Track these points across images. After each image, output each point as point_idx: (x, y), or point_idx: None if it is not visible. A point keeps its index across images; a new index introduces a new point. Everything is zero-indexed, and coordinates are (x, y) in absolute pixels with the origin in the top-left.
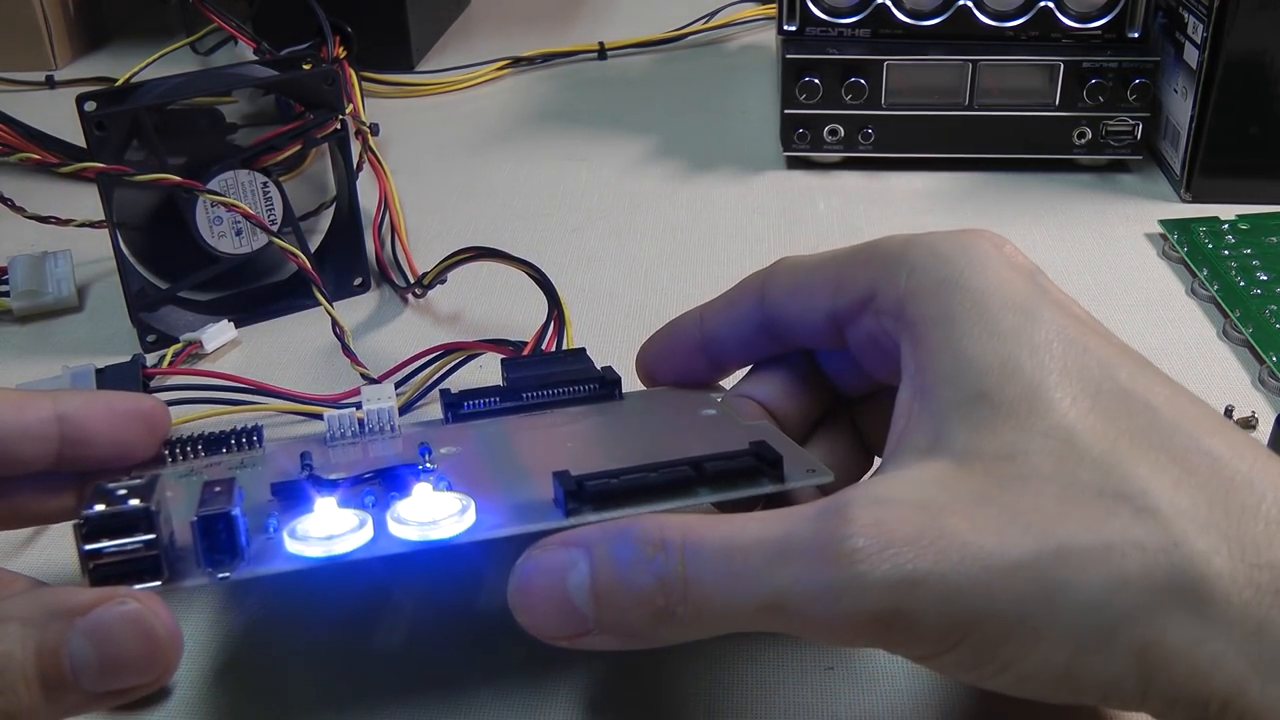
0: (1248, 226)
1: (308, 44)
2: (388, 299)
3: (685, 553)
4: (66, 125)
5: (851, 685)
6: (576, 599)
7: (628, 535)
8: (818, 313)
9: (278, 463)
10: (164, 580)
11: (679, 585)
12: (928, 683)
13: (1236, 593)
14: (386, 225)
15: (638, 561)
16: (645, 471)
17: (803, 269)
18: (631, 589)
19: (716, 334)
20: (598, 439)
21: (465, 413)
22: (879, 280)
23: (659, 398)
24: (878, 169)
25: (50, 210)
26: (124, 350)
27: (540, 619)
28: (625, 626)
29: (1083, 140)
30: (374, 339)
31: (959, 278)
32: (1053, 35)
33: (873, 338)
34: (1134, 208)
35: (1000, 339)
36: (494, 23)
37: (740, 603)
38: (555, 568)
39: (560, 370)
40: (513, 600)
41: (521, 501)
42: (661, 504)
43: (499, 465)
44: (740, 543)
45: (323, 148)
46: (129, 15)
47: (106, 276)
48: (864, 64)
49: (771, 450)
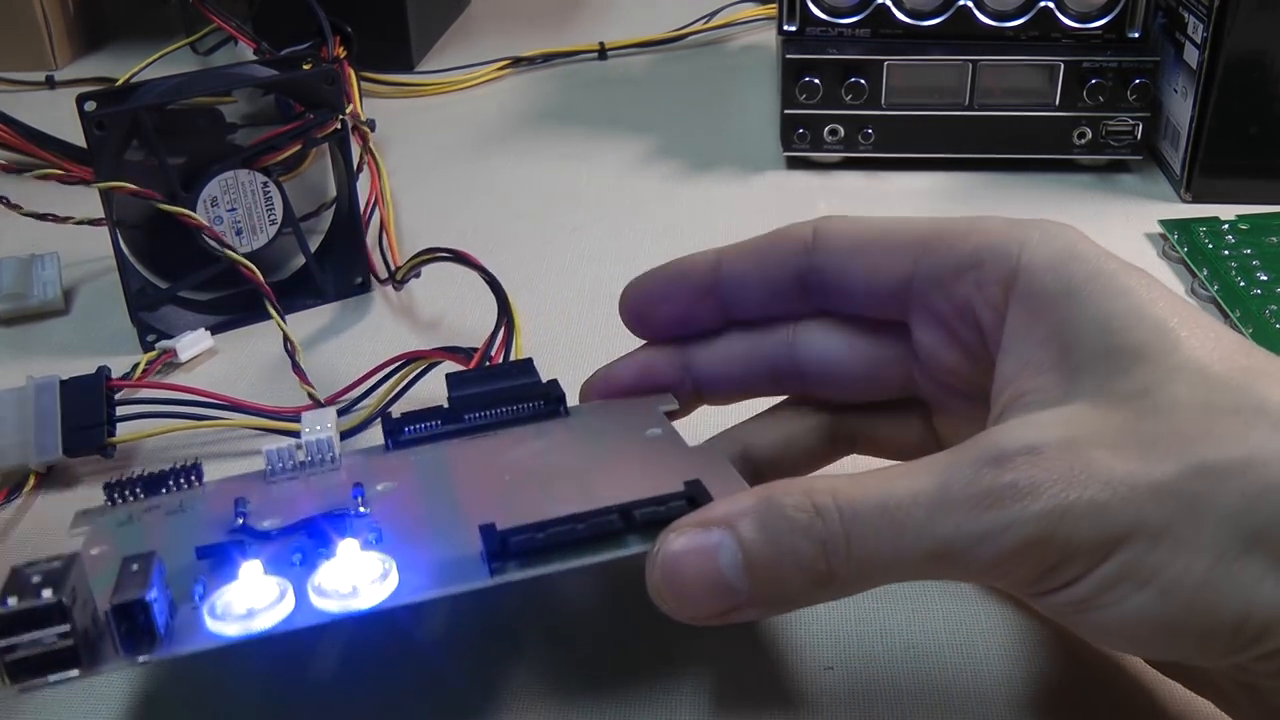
0: (1248, 226)
1: (308, 44)
2: (372, 294)
3: (842, 513)
4: (66, 125)
5: (851, 685)
6: (730, 575)
7: (775, 504)
8: (889, 275)
9: (213, 507)
10: (81, 669)
11: (842, 547)
12: (928, 683)
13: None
14: (376, 221)
15: (794, 527)
16: (573, 523)
17: (871, 229)
18: (793, 557)
19: (739, 276)
20: (536, 470)
21: (406, 438)
22: (987, 251)
23: (604, 413)
24: (878, 169)
25: (49, 208)
26: (108, 355)
27: (692, 603)
28: (781, 595)
29: (1083, 140)
30: (356, 334)
31: (1074, 248)
32: (1053, 35)
33: (967, 306)
34: (1134, 208)
35: (1123, 295)
36: (494, 23)
37: (905, 557)
38: (701, 548)
39: (504, 386)
40: (661, 589)
41: (448, 558)
42: (590, 557)
43: (432, 505)
44: (896, 498)
45: (323, 148)
46: (129, 15)
47: (95, 280)
48: (864, 64)
49: (704, 492)
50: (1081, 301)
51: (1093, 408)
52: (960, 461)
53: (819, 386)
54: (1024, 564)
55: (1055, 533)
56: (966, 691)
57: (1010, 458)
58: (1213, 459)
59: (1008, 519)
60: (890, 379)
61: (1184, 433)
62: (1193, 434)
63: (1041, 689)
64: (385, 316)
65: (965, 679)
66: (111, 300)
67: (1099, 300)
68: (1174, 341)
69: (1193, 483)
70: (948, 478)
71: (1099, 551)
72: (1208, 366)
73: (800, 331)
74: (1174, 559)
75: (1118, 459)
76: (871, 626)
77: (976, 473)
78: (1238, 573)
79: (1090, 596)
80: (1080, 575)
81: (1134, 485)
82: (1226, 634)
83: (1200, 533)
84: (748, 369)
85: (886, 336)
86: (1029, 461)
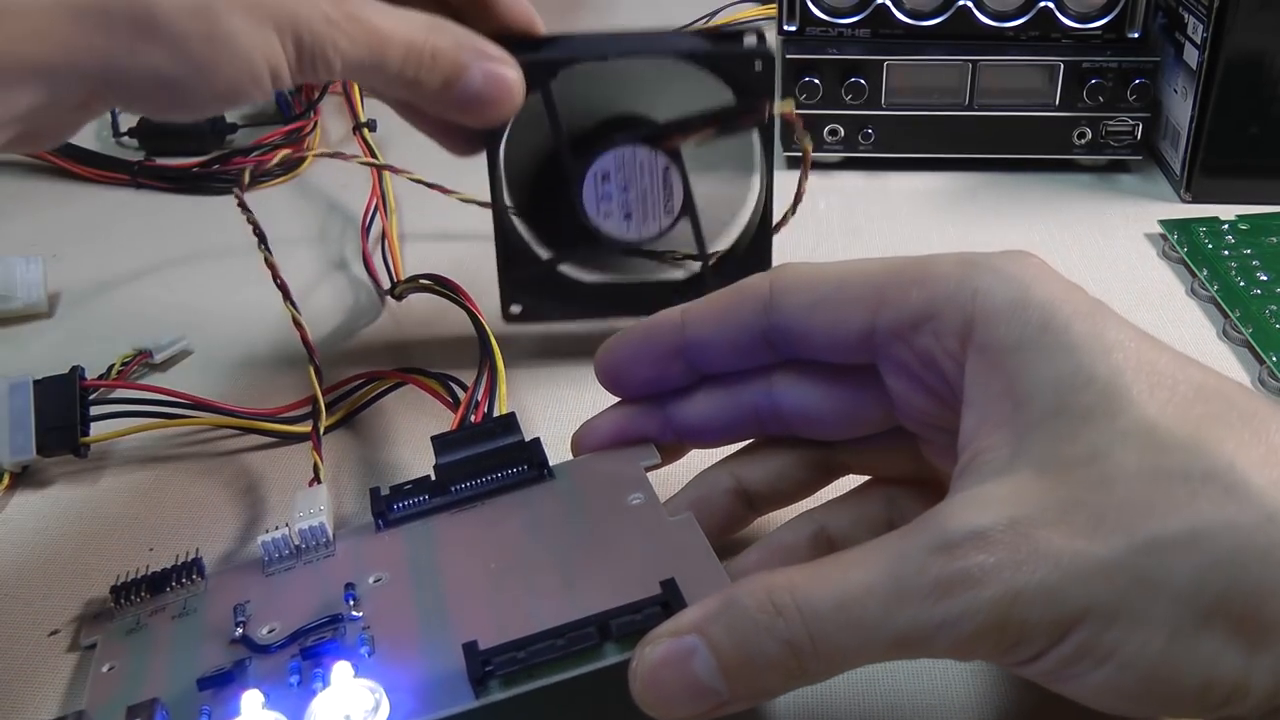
0: (1248, 226)
1: None
2: (368, 298)
3: (802, 613)
4: None
5: (852, 685)
6: (706, 680)
7: (739, 607)
8: (849, 327)
9: (215, 609)
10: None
11: (807, 645)
12: (928, 683)
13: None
14: (377, 224)
15: (759, 630)
16: (553, 638)
17: (826, 281)
18: (761, 659)
19: (704, 338)
20: (520, 559)
21: (395, 516)
22: (939, 301)
23: (586, 474)
24: (878, 169)
25: (49, 207)
26: (90, 359)
27: (677, 707)
28: (760, 690)
29: (1083, 140)
30: (345, 338)
31: (1026, 295)
32: (1053, 35)
33: (929, 357)
34: (1134, 208)
35: (1072, 350)
36: None
37: (869, 648)
38: (676, 658)
39: (487, 450)
40: (645, 699)
41: (434, 677)
42: (571, 671)
43: (421, 605)
44: (852, 593)
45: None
46: None
47: (79, 283)
48: (864, 64)
49: (677, 595)
50: (1032, 358)
51: (1039, 477)
52: (910, 550)
53: (803, 430)
54: (984, 645)
55: (1009, 617)
56: (966, 691)
57: (958, 544)
58: (1160, 534)
59: (960, 608)
60: (871, 417)
61: (1131, 505)
62: (1140, 506)
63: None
64: (378, 321)
65: (965, 679)
66: (95, 304)
67: (1048, 358)
68: (1123, 403)
69: (1141, 559)
70: (899, 568)
71: (1054, 632)
72: (1156, 428)
73: (775, 382)
74: (1130, 636)
75: (1064, 537)
76: None
77: (925, 561)
78: (1195, 647)
79: (1055, 670)
80: (1040, 653)
81: (1083, 565)
82: (1191, 700)
83: (1153, 609)
84: (729, 419)
85: (861, 379)
86: (976, 547)
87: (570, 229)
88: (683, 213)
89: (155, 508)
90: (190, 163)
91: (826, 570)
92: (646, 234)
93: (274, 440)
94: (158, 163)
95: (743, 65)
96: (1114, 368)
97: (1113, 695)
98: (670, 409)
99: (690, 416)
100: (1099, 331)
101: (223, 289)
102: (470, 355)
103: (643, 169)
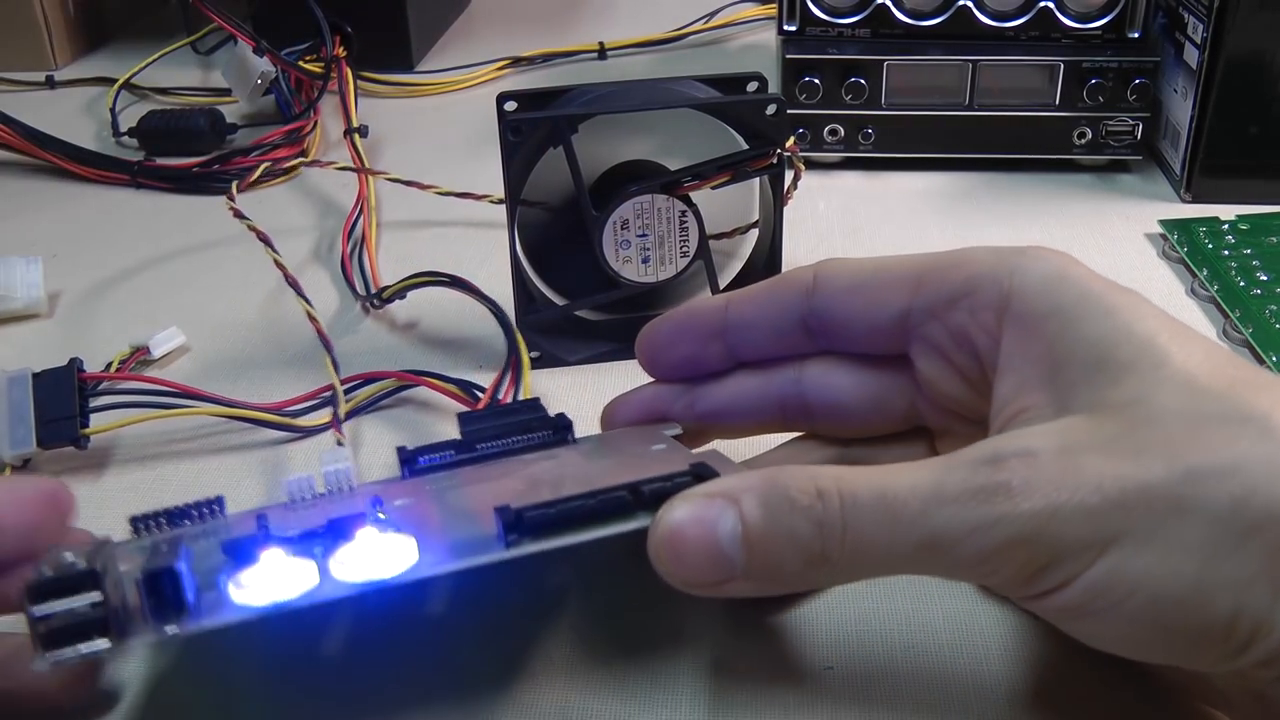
0: (1248, 226)
1: (307, 43)
2: (347, 306)
3: (842, 497)
4: (67, 125)
5: (851, 685)
6: (727, 547)
7: (778, 484)
8: (887, 310)
9: (237, 526)
10: (113, 639)
11: (838, 530)
12: (928, 683)
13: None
14: (359, 230)
15: (794, 509)
16: (584, 499)
17: (866, 269)
18: (790, 536)
19: (746, 320)
20: (547, 479)
21: (421, 467)
22: (977, 278)
23: (611, 439)
24: (878, 169)
25: (47, 206)
26: (89, 358)
27: (688, 568)
28: (774, 572)
29: (1083, 140)
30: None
31: (1063, 272)
32: (1053, 35)
33: (963, 333)
34: (1134, 208)
35: (1111, 313)
36: (494, 23)
37: (898, 544)
38: (706, 517)
39: (513, 421)
40: (660, 551)
41: (464, 538)
42: (601, 530)
43: (449, 510)
44: (895, 489)
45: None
46: (129, 15)
47: (78, 284)
48: (864, 64)
49: (710, 469)
50: (1072, 320)
51: (1086, 418)
52: (958, 461)
53: (826, 422)
54: (1012, 561)
55: (1044, 532)
56: (966, 691)
57: (1005, 459)
58: (1201, 464)
59: (997, 514)
60: (895, 411)
61: (1173, 440)
62: (1181, 441)
63: (1041, 689)
64: (361, 329)
65: (965, 679)
66: (94, 304)
67: (1088, 319)
68: (1162, 355)
69: (1181, 486)
70: (945, 475)
71: (1088, 554)
72: (1196, 378)
73: (806, 370)
74: (1163, 562)
75: (1108, 464)
76: (871, 626)
77: (972, 471)
78: (1227, 573)
79: (1082, 601)
80: (1070, 579)
81: (1123, 489)
82: (1219, 636)
83: (1188, 535)
84: (756, 406)
85: (889, 371)
86: (1023, 463)
87: (588, 275)
88: (698, 255)
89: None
90: (190, 163)
91: (875, 472)
92: (664, 277)
93: (276, 436)
94: (157, 163)
95: (755, 113)
96: (1151, 329)
97: (1139, 630)
98: (698, 391)
99: (717, 399)
100: (1136, 302)
101: (222, 289)
102: (470, 357)
103: (660, 215)
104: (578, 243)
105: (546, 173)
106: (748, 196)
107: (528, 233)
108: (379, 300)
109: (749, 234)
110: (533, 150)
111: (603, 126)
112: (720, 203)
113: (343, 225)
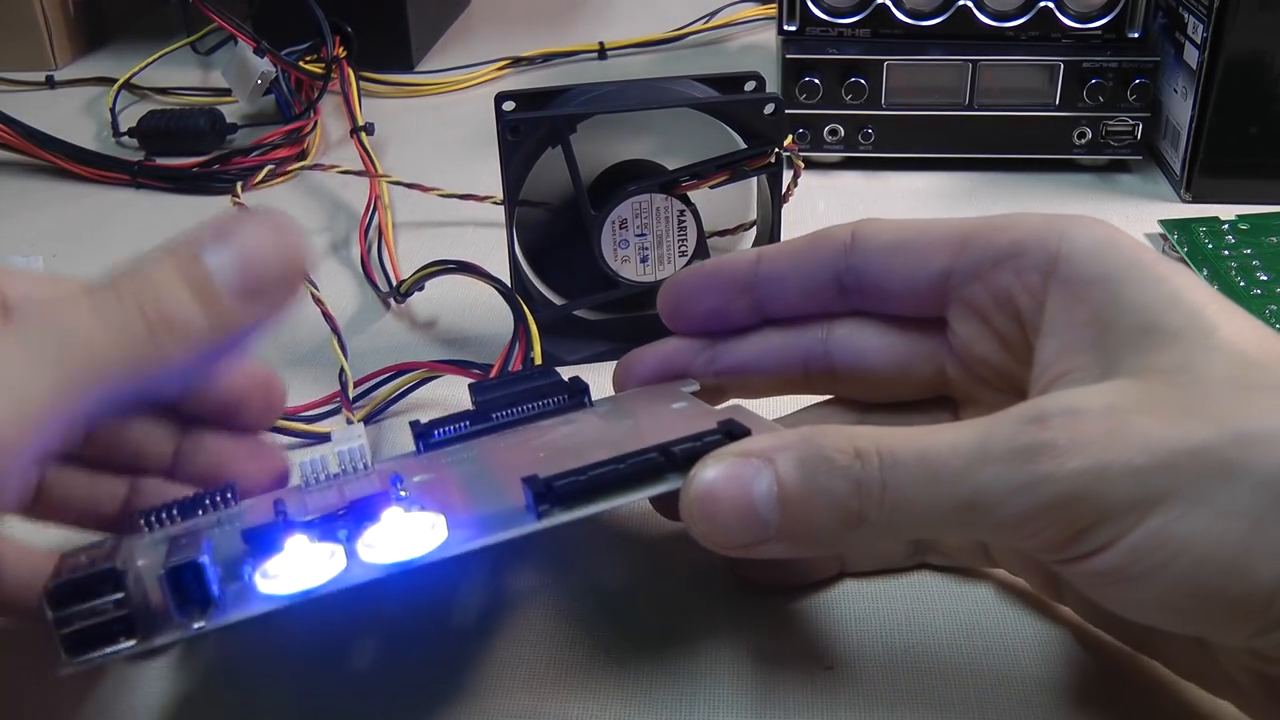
0: (1248, 226)
1: (307, 43)
2: (369, 303)
3: (881, 457)
4: (66, 125)
5: (851, 685)
6: (761, 507)
7: (815, 444)
8: (927, 270)
9: (253, 513)
10: (138, 639)
11: (876, 490)
12: (928, 683)
13: None
14: (374, 228)
15: (832, 469)
16: (615, 464)
17: (908, 229)
18: (826, 495)
19: (778, 274)
20: (570, 445)
21: (436, 441)
22: (1024, 241)
23: (628, 399)
24: (878, 169)
25: (47, 206)
26: None
27: (721, 529)
28: (810, 533)
29: (1083, 140)
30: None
31: (1112, 239)
32: (1053, 35)
33: (1005, 295)
34: (1134, 208)
35: (1160, 281)
36: (494, 22)
37: (938, 504)
38: (741, 477)
39: (527, 387)
40: (692, 511)
41: (493, 512)
42: (633, 494)
43: (472, 483)
44: (936, 448)
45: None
46: (129, 15)
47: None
48: (864, 64)
49: (741, 427)
50: (1120, 286)
51: (1133, 381)
52: (1002, 420)
53: (850, 383)
54: (1055, 523)
55: (1089, 491)
56: (967, 692)
57: (1051, 417)
58: (1251, 429)
59: (1043, 473)
60: (922, 376)
61: (1222, 405)
62: (1230, 405)
63: (1042, 689)
64: (381, 324)
65: (965, 679)
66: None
67: (1137, 285)
68: (1211, 325)
69: (1230, 450)
70: (988, 433)
71: (1133, 515)
72: (1244, 349)
73: (834, 329)
74: (1209, 526)
75: (1156, 425)
76: (871, 626)
77: (1017, 430)
78: (1274, 540)
79: (1123, 564)
80: (1113, 540)
81: (1172, 450)
82: (1259, 606)
83: (1237, 499)
84: (781, 362)
85: (919, 334)
86: (1069, 422)
87: (587, 275)
88: (696, 254)
89: None
90: (190, 163)
91: (914, 431)
92: (662, 276)
93: (287, 442)
94: (158, 163)
95: (753, 112)
96: (1200, 300)
97: (1179, 596)
98: (721, 346)
99: (741, 354)
100: (1183, 273)
101: None
102: (490, 349)
103: (658, 215)
104: (576, 242)
105: (545, 172)
106: (745, 196)
107: (526, 232)
108: (400, 295)
109: (747, 233)
110: (531, 150)
111: (601, 126)
112: (718, 202)
113: (357, 225)
